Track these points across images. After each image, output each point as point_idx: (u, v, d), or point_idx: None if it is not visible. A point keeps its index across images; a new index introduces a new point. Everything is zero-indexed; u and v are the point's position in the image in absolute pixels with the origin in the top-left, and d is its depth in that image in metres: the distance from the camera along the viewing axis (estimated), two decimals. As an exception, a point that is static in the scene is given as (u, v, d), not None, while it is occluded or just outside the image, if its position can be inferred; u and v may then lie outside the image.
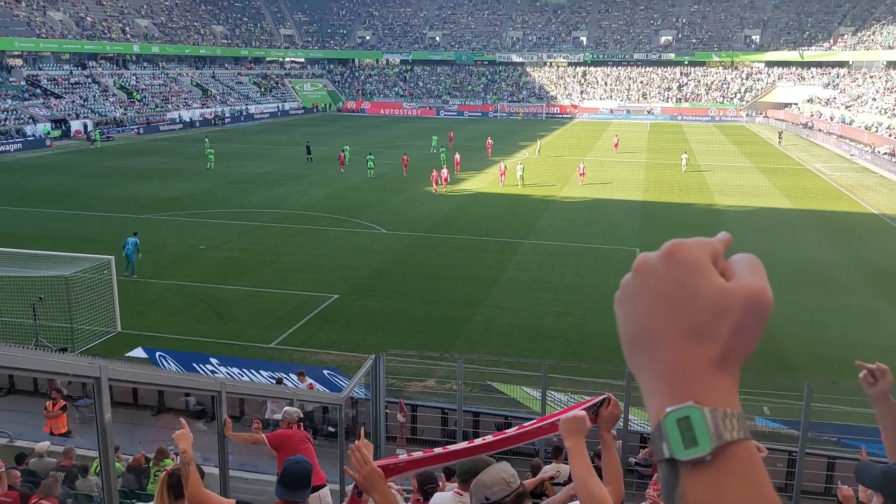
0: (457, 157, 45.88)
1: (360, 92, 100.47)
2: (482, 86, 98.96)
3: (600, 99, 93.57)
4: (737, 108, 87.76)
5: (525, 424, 3.23)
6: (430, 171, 39.71)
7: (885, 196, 39.39)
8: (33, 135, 58.07)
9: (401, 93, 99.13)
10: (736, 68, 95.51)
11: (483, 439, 3.15)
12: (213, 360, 16.68)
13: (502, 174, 41.04)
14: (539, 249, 27.49)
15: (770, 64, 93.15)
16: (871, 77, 76.89)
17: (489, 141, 55.41)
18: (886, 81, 71.47)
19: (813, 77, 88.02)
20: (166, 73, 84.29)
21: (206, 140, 52.68)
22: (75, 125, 63.05)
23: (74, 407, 14.72)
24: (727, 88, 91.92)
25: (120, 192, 37.41)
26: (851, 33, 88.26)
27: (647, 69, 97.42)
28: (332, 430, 13.88)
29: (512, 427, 3.34)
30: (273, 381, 15.21)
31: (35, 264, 19.45)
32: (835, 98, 76.16)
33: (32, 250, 20.73)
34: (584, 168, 42.12)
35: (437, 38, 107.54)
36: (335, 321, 20.12)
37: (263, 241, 28.19)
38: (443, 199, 36.52)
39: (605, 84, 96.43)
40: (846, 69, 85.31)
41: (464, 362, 12.23)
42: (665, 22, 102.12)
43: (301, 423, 7.87)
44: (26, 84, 66.62)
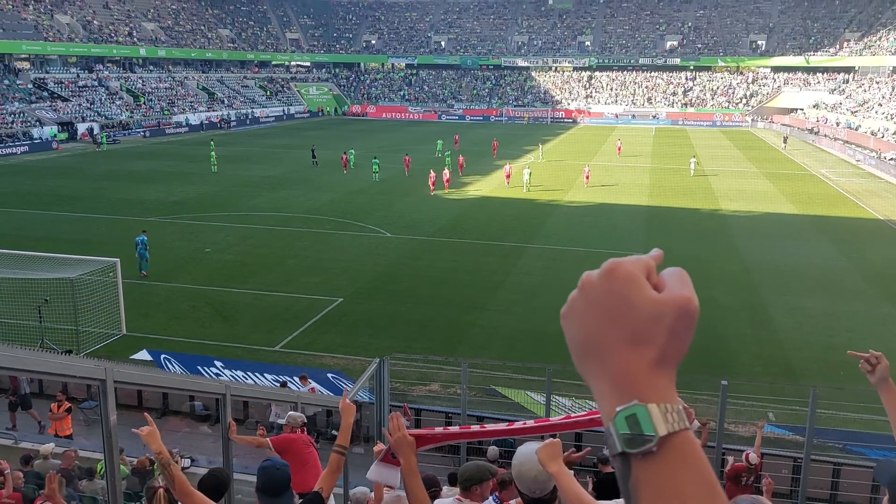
0: (460, 159, 46.20)
1: (365, 96, 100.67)
2: (487, 90, 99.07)
3: (605, 104, 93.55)
4: (742, 114, 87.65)
5: (573, 415, 3.19)
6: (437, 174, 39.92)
7: (891, 202, 39.25)
8: (40, 137, 58.31)
9: (406, 97, 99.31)
10: (741, 73, 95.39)
11: (523, 423, 3.10)
12: (218, 363, 16.71)
13: (507, 176, 41.34)
14: (544, 254, 27.46)
15: (776, 69, 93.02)
16: (878, 82, 76.71)
17: (495, 143, 56.14)
18: (892, 87, 71.28)
19: (819, 82, 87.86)
20: (172, 77, 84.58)
21: (212, 143, 52.86)
22: (82, 128, 63.32)
23: (79, 409, 14.75)
24: (733, 93, 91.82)
25: (126, 194, 37.53)
26: (857, 38, 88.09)
27: (653, 74, 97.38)
28: (336, 433, 13.89)
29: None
30: (277, 384, 15.22)
31: (41, 266, 19.52)
32: (840, 103, 75.99)
33: (38, 252, 20.82)
34: (590, 171, 42.57)
35: (442, 43, 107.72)
36: (339, 324, 20.12)
37: (268, 244, 28.24)
38: (447, 203, 36.54)
39: (611, 89, 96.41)
40: (852, 74, 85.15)
41: (468, 366, 12.22)
42: (671, 27, 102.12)
43: (305, 427, 7.89)
44: (33, 87, 66.93)
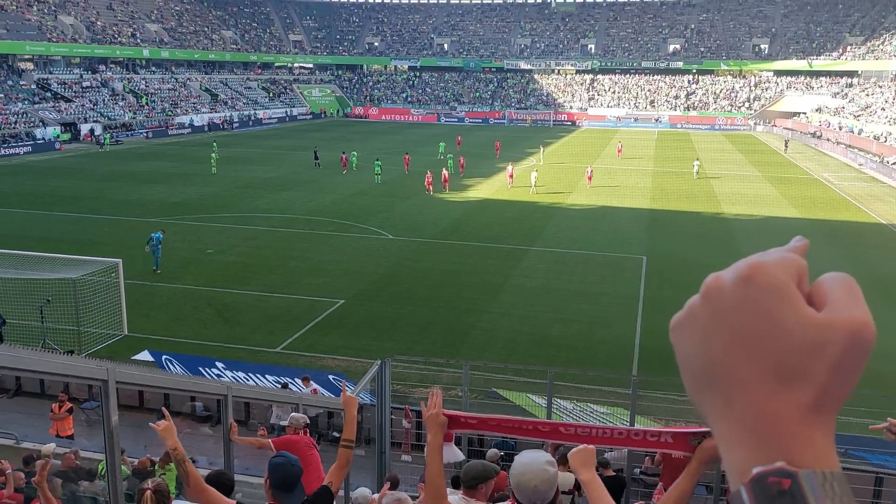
0: (461, 160, 46.46)
1: (367, 98, 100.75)
2: (490, 93, 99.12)
3: (608, 107, 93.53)
4: (745, 117, 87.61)
5: (621, 428, 3.16)
6: (435, 175, 40.14)
7: (894, 206, 39.20)
8: (43, 138, 58.41)
9: (409, 99, 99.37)
10: (744, 77, 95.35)
11: (565, 426, 3.07)
12: (219, 365, 16.71)
13: (510, 176, 41.58)
14: (545, 256, 27.46)
15: (778, 73, 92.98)
16: (881, 87, 76.66)
17: (497, 143, 56.83)
18: (895, 91, 71.26)
19: (821, 86, 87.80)
20: (175, 78, 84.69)
21: (214, 144, 52.92)
22: (85, 129, 63.43)
23: (80, 409, 14.75)
24: (735, 97, 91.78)
25: (128, 195, 37.58)
26: (860, 43, 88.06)
27: (655, 77, 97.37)
28: (337, 435, 13.87)
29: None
30: (278, 385, 15.22)
31: (43, 267, 19.54)
32: (843, 107, 75.94)
33: (40, 252, 20.85)
34: (592, 172, 42.84)
35: (445, 45, 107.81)
36: (341, 326, 20.13)
37: (270, 245, 28.26)
38: (449, 205, 36.56)
39: (613, 92, 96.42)
40: (855, 78, 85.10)
41: (469, 369, 12.21)
42: (673, 30, 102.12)
43: (307, 429, 7.88)
44: (37, 87, 67.05)
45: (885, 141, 57.54)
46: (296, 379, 15.33)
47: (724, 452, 0.70)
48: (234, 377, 15.86)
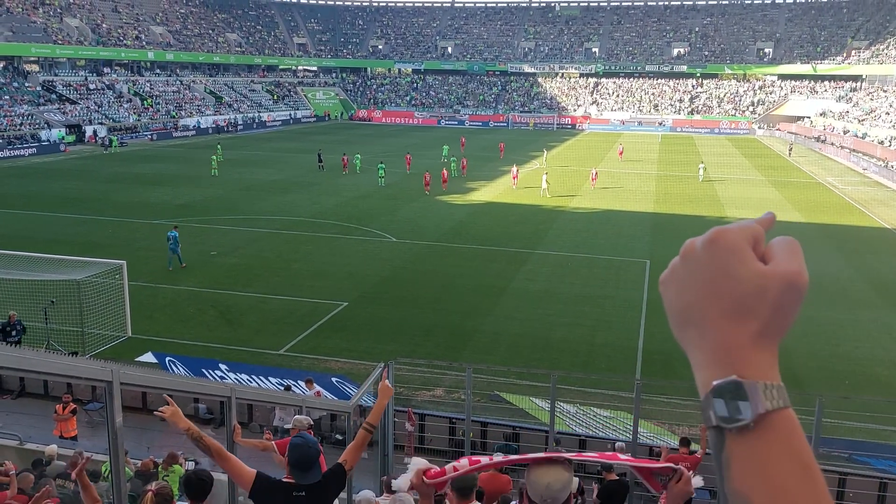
0: (464, 162, 46.72)
1: (372, 100, 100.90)
2: (493, 96, 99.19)
3: (612, 110, 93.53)
4: (749, 121, 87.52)
5: (608, 454, 3.20)
6: (434, 175, 40.36)
7: (898, 211, 39.13)
8: (48, 139, 58.61)
9: (413, 102, 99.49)
10: (748, 81, 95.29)
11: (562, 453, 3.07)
12: (223, 366, 16.73)
13: (514, 177, 41.79)
14: (549, 260, 27.44)
15: (783, 77, 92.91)
16: (885, 91, 76.54)
17: (501, 145, 57.30)
18: (900, 96, 71.16)
19: (826, 90, 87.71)
20: (180, 80, 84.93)
21: (219, 147, 53.06)
22: (90, 131, 63.62)
23: (84, 411, 14.78)
24: (739, 101, 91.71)
25: (132, 197, 37.68)
26: (865, 47, 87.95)
27: (659, 81, 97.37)
28: (340, 437, 13.88)
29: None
30: (281, 387, 15.22)
31: (47, 268, 19.59)
32: (848, 112, 75.82)
33: (45, 254, 20.90)
34: (597, 173, 43.11)
35: (449, 48, 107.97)
36: (344, 329, 20.13)
37: (273, 247, 28.29)
38: (452, 208, 36.57)
39: (617, 95, 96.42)
40: (860, 83, 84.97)
41: (472, 372, 12.21)
42: (678, 34, 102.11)
43: (311, 430, 7.89)
44: (42, 89, 67.30)
45: (890, 145, 57.43)
46: (299, 381, 15.34)
47: (697, 374, 0.90)
48: (237, 379, 15.88)
